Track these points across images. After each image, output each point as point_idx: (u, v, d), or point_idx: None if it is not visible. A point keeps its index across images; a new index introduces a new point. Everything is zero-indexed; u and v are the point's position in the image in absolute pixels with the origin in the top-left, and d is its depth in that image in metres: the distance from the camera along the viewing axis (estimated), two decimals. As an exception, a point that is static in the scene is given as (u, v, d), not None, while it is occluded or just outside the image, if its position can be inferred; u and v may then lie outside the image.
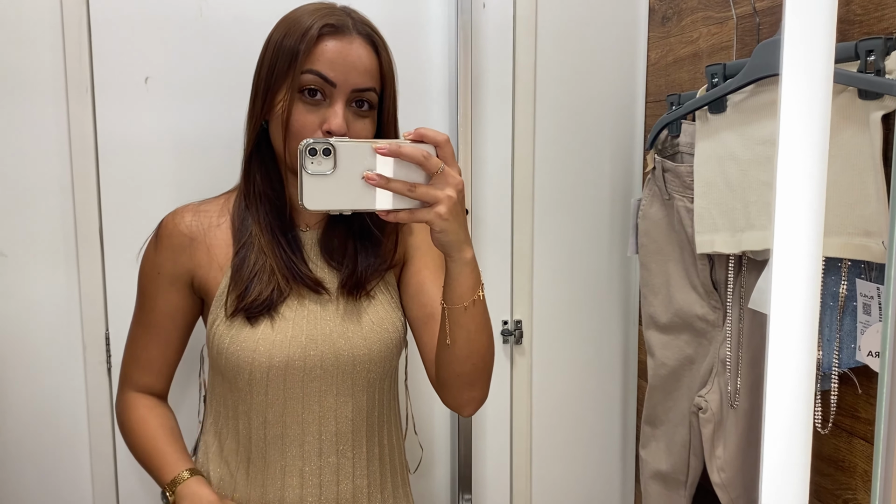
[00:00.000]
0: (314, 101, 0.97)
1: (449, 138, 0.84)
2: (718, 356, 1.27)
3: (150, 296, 1.08)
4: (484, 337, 0.96)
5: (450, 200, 0.83)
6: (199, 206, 1.09)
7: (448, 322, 0.93)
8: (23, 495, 1.54)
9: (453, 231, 0.85)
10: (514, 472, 1.76)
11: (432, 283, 1.06)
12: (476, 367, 0.97)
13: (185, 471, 1.03)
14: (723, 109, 1.20)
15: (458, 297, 0.91)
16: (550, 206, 1.69)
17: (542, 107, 1.65)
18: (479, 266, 0.92)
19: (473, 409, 1.03)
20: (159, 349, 1.10)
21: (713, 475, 1.28)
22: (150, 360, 1.11)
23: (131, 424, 1.11)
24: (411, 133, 0.84)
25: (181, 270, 1.06)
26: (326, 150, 0.81)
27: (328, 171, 0.81)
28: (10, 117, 1.45)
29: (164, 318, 1.08)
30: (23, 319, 1.50)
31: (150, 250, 1.09)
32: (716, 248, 1.21)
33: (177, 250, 1.05)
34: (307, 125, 0.96)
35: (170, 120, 1.50)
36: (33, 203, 1.48)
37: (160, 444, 1.07)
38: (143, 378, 1.12)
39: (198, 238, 1.05)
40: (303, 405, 1.03)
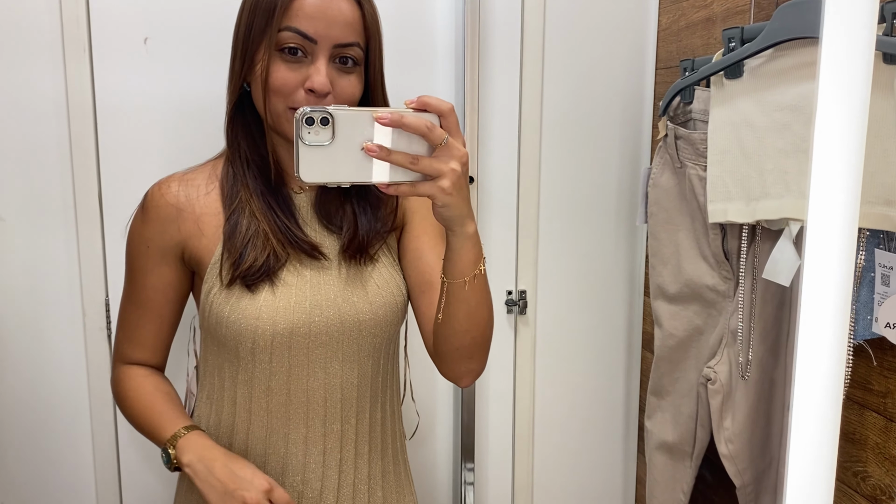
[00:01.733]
0: (295, 60, 0.93)
1: (453, 107, 0.80)
2: (729, 327, 1.26)
3: (140, 271, 1.04)
4: (484, 311, 0.93)
5: (454, 174, 0.79)
6: (184, 174, 1.04)
7: (448, 296, 0.91)
8: (22, 460, 1.53)
9: (456, 205, 0.81)
10: (516, 442, 1.75)
11: (431, 249, 1.04)
12: (475, 341, 0.95)
13: (184, 427, 1.00)
14: (739, 75, 1.17)
15: (459, 271, 0.88)
16: (557, 174, 1.67)
17: (550, 72, 1.62)
18: (482, 241, 0.90)
19: (471, 381, 1.01)
20: (153, 325, 1.07)
21: (721, 446, 1.27)
22: (144, 338, 1.07)
23: (126, 392, 1.08)
24: (414, 101, 0.79)
25: (171, 243, 1.02)
26: (324, 119, 0.76)
27: (326, 141, 0.77)
28: (6, 79, 1.41)
29: (155, 293, 1.05)
30: (22, 285, 1.48)
31: (136, 224, 1.04)
32: (729, 217, 1.19)
33: (164, 222, 1.01)
34: (288, 84, 0.93)
35: (170, 81, 1.46)
36: (31, 167, 1.45)
37: (157, 406, 1.04)
38: (138, 355, 1.09)
39: (185, 208, 1.01)
40: (308, 372, 1.00)
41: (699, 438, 1.34)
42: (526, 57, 1.60)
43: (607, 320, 1.76)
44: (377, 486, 1.09)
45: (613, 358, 1.78)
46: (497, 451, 1.75)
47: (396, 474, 1.12)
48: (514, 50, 1.59)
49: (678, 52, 1.55)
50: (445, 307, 0.92)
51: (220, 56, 1.37)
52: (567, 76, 1.63)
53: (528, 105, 1.62)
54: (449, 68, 1.58)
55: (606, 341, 1.77)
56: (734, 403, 1.25)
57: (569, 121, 1.65)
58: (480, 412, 1.72)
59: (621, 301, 1.76)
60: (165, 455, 0.99)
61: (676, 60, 1.56)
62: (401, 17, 1.53)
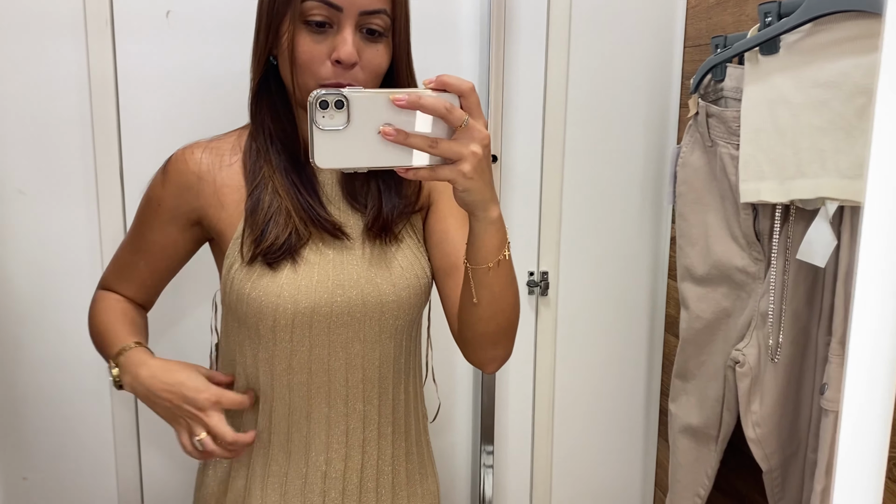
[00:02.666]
0: (321, 31, 0.90)
1: (474, 87, 0.77)
2: (758, 309, 1.23)
3: (147, 225, 1.05)
4: (509, 296, 0.91)
5: (475, 157, 0.76)
6: (209, 142, 1.03)
7: (472, 282, 0.88)
8: (43, 434, 1.54)
9: (478, 190, 0.79)
10: (535, 425, 1.74)
11: (457, 231, 1.01)
12: (500, 327, 0.93)
13: (133, 343, 1.01)
14: (775, 51, 1.14)
15: (483, 257, 0.85)
16: (581, 153, 1.64)
17: (576, 50, 1.59)
18: (505, 221, 0.87)
19: (496, 367, 0.99)
20: (145, 269, 1.08)
21: (748, 430, 1.25)
22: (133, 276, 1.09)
23: (94, 312, 1.09)
24: (432, 81, 0.76)
25: (184, 209, 1.01)
26: (339, 102, 0.74)
27: (341, 125, 0.74)
28: (29, 53, 1.40)
29: (155, 246, 1.06)
30: (43, 257, 1.47)
31: (155, 183, 1.04)
32: (762, 196, 1.16)
33: (182, 188, 1.01)
34: (314, 56, 0.90)
35: (192, 55, 1.44)
36: (53, 140, 1.44)
37: (116, 326, 1.05)
38: (122, 289, 1.10)
39: (206, 177, 1.00)
40: (329, 352, 0.99)
41: (725, 422, 1.33)
42: (552, 34, 1.57)
43: (630, 303, 1.74)
44: (400, 466, 1.08)
45: (635, 341, 1.76)
46: (517, 434, 1.74)
47: (419, 455, 1.11)
48: (540, 26, 1.57)
49: (707, 29, 1.52)
50: (469, 292, 0.90)
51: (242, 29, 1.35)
52: (593, 54, 1.60)
53: (554, 83, 1.59)
54: (473, 45, 1.55)
55: (628, 324, 1.75)
56: (763, 387, 1.23)
57: (594, 99, 1.62)
58: (500, 395, 1.70)
59: (644, 283, 1.74)
60: (110, 374, 1.00)
61: (705, 38, 1.53)
62: (426, -9, 1.50)
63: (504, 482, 1.75)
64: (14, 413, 1.52)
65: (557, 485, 1.78)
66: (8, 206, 1.44)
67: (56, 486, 1.56)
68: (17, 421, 1.52)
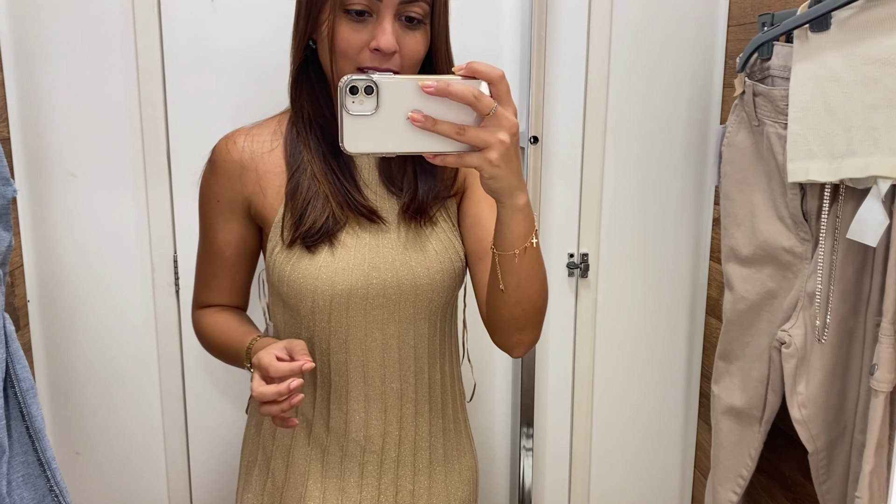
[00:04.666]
0: (361, 20, 0.92)
1: (504, 74, 0.77)
2: (805, 290, 1.22)
3: (212, 226, 1.06)
4: (536, 283, 0.91)
5: (502, 145, 0.76)
6: (250, 129, 1.05)
7: (498, 268, 0.89)
8: (96, 411, 1.58)
9: (504, 178, 0.79)
10: (574, 406, 1.74)
11: (489, 216, 1.02)
12: (526, 313, 0.93)
13: (251, 340, 1.01)
14: (826, 27, 1.12)
15: (509, 244, 0.86)
16: (623, 134, 1.63)
17: (618, 29, 1.58)
18: (541, 200, 0.86)
19: (522, 352, 1.00)
20: (227, 276, 1.09)
21: (794, 411, 1.24)
22: (219, 286, 1.10)
23: (204, 330, 1.11)
24: (462, 67, 0.76)
25: (238, 198, 1.03)
26: (368, 87, 0.75)
27: (370, 111, 0.75)
28: (77, 38, 1.43)
29: (227, 247, 1.07)
30: (92, 241, 1.51)
31: (206, 178, 1.06)
32: (811, 175, 1.15)
33: (232, 177, 1.03)
34: (354, 44, 0.92)
35: (237, 39, 1.46)
36: (102, 125, 1.47)
37: (231, 335, 1.06)
38: (214, 300, 1.12)
39: (249, 166, 1.02)
40: (365, 333, 1.01)
41: (769, 403, 1.32)
42: (593, 13, 1.56)
43: (671, 285, 1.73)
44: (438, 443, 1.09)
45: (676, 323, 1.75)
46: (556, 415, 1.75)
47: (457, 432, 1.13)
48: (582, 6, 1.56)
49: (752, 7, 1.50)
50: (496, 278, 0.91)
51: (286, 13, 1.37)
52: (635, 34, 1.59)
53: (595, 63, 1.58)
54: (515, 26, 1.55)
55: (669, 306, 1.74)
56: (809, 367, 1.23)
57: (636, 79, 1.61)
58: (540, 376, 1.71)
59: (686, 265, 1.73)
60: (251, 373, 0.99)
61: (750, 17, 1.51)
62: (467, -28, 1.50)
63: (542, 463, 1.76)
64: (68, 391, 1.56)
65: (596, 466, 1.78)
66: (60, 188, 1.48)
67: (106, 462, 1.60)
68: (71, 399, 1.57)
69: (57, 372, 1.55)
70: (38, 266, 1.50)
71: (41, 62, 1.43)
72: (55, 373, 1.55)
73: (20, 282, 1.47)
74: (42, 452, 0.94)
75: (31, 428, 0.93)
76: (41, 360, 1.54)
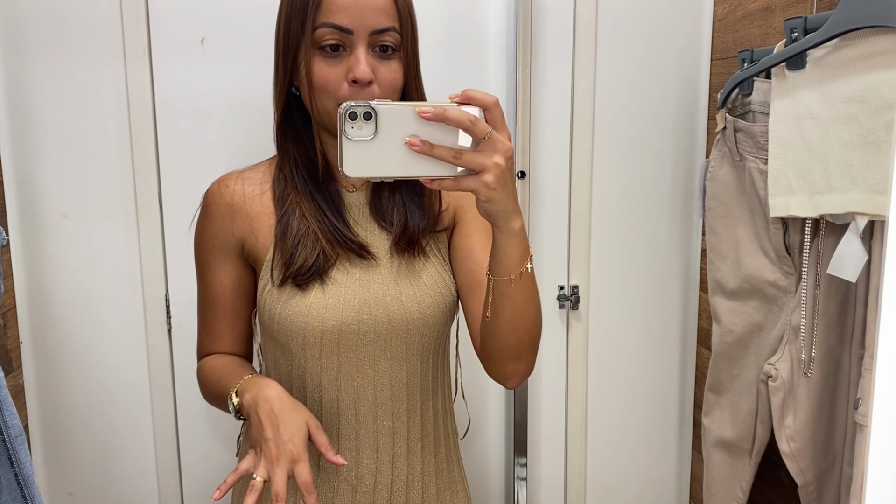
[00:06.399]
0: (335, 55, 0.95)
1: (498, 101, 0.79)
2: (790, 323, 1.23)
3: (210, 269, 1.07)
4: (531, 310, 0.92)
5: (497, 168, 0.78)
6: (242, 172, 1.07)
7: (494, 294, 0.90)
8: (88, 451, 1.58)
9: (500, 201, 0.80)
10: (568, 438, 1.74)
11: (481, 248, 1.03)
12: (521, 341, 0.94)
13: (248, 375, 0.99)
14: (802, 66, 1.14)
15: (505, 268, 0.87)
16: (610, 167, 1.65)
17: (603, 64, 1.60)
18: (531, 233, 0.88)
19: (517, 382, 1.00)
20: (227, 321, 1.09)
21: (782, 444, 1.24)
22: (222, 333, 1.10)
23: (203, 376, 1.09)
24: (458, 95, 0.78)
25: (232, 240, 1.05)
26: (367, 113, 0.76)
27: (369, 136, 0.77)
28: (69, 79, 1.45)
29: (224, 290, 1.07)
30: (85, 281, 1.52)
31: (200, 222, 1.08)
32: (791, 211, 1.16)
33: (224, 220, 1.05)
34: (331, 79, 0.94)
35: (227, 80, 1.48)
36: (94, 164, 1.49)
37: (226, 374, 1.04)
38: (217, 349, 1.11)
39: (240, 209, 1.04)
40: (357, 370, 1.02)
41: (759, 436, 1.32)
42: (578, 48, 1.58)
43: (661, 316, 1.74)
44: (430, 482, 1.09)
45: (668, 354, 1.76)
46: (549, 446, 1.75)
47: (450, 471, 1.13)
48: (567, 41, 1.58)
49: (735, 42, 1.52)
50: (491, 305, 0.91)
51: (275, 55, 1.39)
52: (620, 68, 1.61)
53: (581, 97, 1.60)
54: (501, 61, 1.57)
55: (660, 337, 1.75)
56: (796, 401, 1.23)
57: (622, 113, 1.63)
58: (533, 408, 1.71)
59: (676, 296, 1.74)
60: (231, 404, 0.97)
61: (733, 51, 1.53)
62: (453, 10, 1.53)
63: (537, 495, 1.76)
64: (60, 432, 1.57)
65: (591, 498, 1.78)
66: (52, 229, 1.49)
67: (100, 502, 1.60)
68: (63, 439, 1.57)
69: (50, 412, 1.56)
70: (31, 307, 1.51)
71: (33, 105, 1.45)
72: (48, 413, 1.55)
73: (13, 323, 1.48)
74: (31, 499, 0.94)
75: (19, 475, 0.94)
76: (34, 401, 1.54)
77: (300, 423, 0.90)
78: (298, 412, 0.91)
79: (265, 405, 0.91)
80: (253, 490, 0.87)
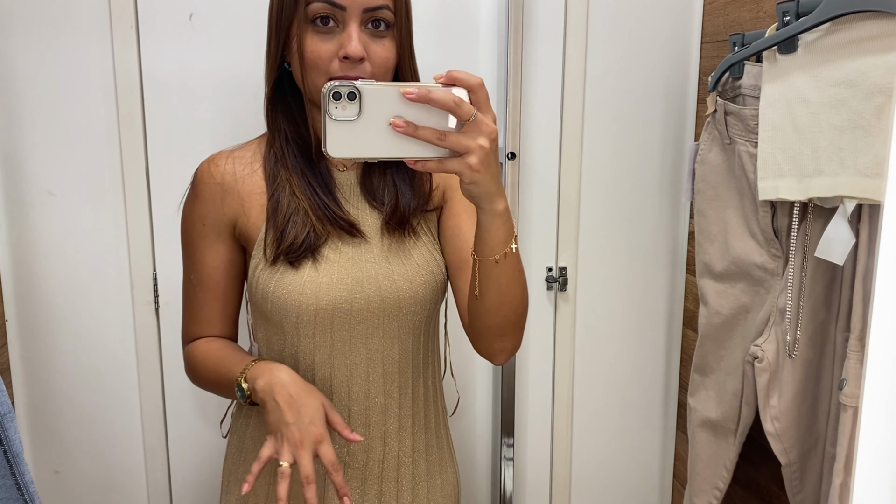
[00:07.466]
0: (327, 30, 0.94)
1: (483, 82, 0.78)
2: (777, 305, 1.25)
3: (199, 250, 1.05)
4: (516, 289, 0.92)
5: (481, 150, 0.78)
6: (232, 152, 1.06)
7: (479, 274, 0.90)
8: (75, 429, 1.57)
9: (484, 182, 0.80)
10: (555, 418, 1.76)
11: (469, 227, 1.04)
12: (507, 320, 0.95)
13: (251, 361, 0.99)
14: (793, 49, 1.14)
15: (490, 249, 0.87)
16: (599, 149, 1.65)
17: (593, 47, 1.60)
18: (519, 215, 0.88)
19: (504, 359, 1.01)
20: (217, 304, 1.07)
21: (766, 424, 1.26)
22: (210, 316, 1.07)
23: (194, 363, 1.07)
24: (442, 76, 0.78)
25: (223, 220, 1.03)
26: (351, 94, 0.76)
27: (353, 116, 0.76)
28: (56, 56, 1.43)
29: (215, 271, 1.05)
30: (71, 259, 1.51)
31: (189, 203, 1.06)
32: (780, 194, 1.17)
33: (215, 200, 1.03)
34: (322, 56, 0.93)
35: (215, 58, 1.47)
36: (80, 142, 1.47)
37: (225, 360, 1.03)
38: (205, 333, 1.09)
39: (231, 188, 1.03)
40: (350, 348, 1.02)
41: (744, 416, 1.34)
42: (569, 31, 1.58)
43: (648, 297, 1.75)
44: (420, 458, 1.11)
45: (654, 335, 1.78)
46: (536, 427, 1.76)
47: (439, 447, 1.14)
48: (558, 23, 1.58)
49: (725, 25, 1.53)
50: (477, 284, 0.92)
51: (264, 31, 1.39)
52: (610, 50, 1.61)
53: (571, 80, 1.60)
54: (492, 43, 1.57)
55: (647, 318, 1.76)
56: (781, 382, 1.25)
57: (612, 95, 1.63)
58: (520, 388, 1.72)
59: (662, 278, 1.75)
60: (240, 391, 0.97)
61: (723, 34, 1.54)
62: (444, -9, 1.52)
63: (523, 474, 1.78)
64: (46, 409, 1.56)
65: (577, 477, 1.80)
66: (38, 207, 1.48)
67: (86, 480, 1.60)
68: (49, 416, 1.56)
69: (36, 390, 1.55)
70: (17, 284, 1.50)
71: (18, 81, 1.43)
72: (34, 391, 1.55)
73: (-2, 301, 1.47)
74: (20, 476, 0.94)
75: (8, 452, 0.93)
76: (19, 378, 1.54)
77: (318, 405, 0.92)
78: (314, 394, 0.93)
79: (282, 390, 0.92)
80: (283, 477, 0.88)
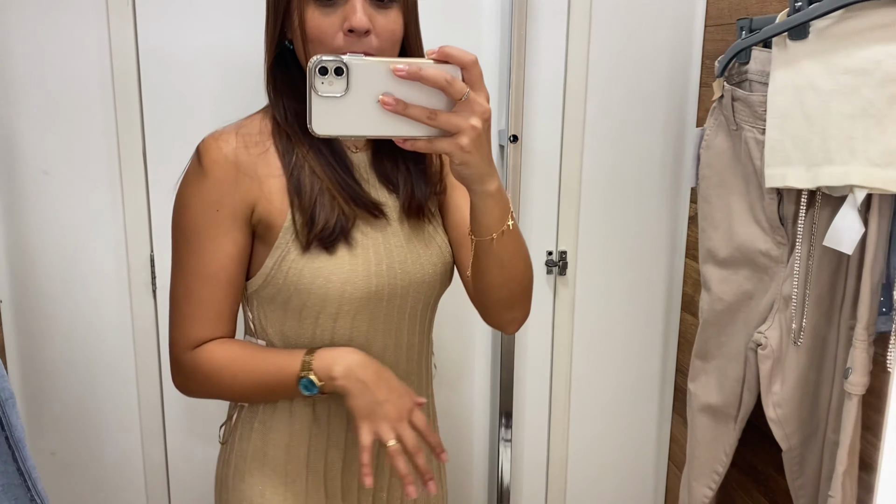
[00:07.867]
0: (330, 3, 0.88)
1: (477, 59, 0.75)
2: (781, 292, 1.25)
3: (211, 239, 0.93)
4: (518, 264, 0.91)
5: (473, 131, 0.75)
6: (238, 129, 0.95)
7: (478, 253, 0.89)
8: (72, 406, 1.56)
9: (475, 164, 0.78)
10: (553, 401, 1.76)
11: (464, 200, 1.00)
12: (513, 293, 0.93)
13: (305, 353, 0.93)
14: (805, 36, 1.13)
15: (486, 229, 0.85)
16: (601, 133, 1.64)
17: (597, 30, 1.59)
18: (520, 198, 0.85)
19: (516, 328, 1.00)
20: (229, 300, 0.95)
21: (769, 411, 1.27)
22: (223, 313, 0.96)
23: (219, 365, 0.95)
24: (435, 52, 0.75)
25: (241, 204, 0.92)
26: (338, 69, 0.73)
27: (340, 92, 0.73)
28: (51, 34, 1.40)
29: (232, 262, 0.94)
30: (67, 240, 1.48)
31: (195, 185, 0.93)
32: (787, 182, 1.16)
33: (230, 182, 0.92)
34: (325, 30, 0.88)
35: (213, 34, 1.44)
36: (76, 121, 1.44)
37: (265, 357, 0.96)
38: (213, 332, 0.96)
39: (245, 169, 0.92)
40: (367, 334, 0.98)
41: (745, 402, 1.34)
42: (573, 13, 1.56)
43: (647, 281, 1.75)
44: None
45: (652, 319, 1.78)
46: (534, 409, 1.77)
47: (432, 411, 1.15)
48: (561, 6, 1.56)
49: (729, 9, 1.51)
50: (477, 263, 0.90)
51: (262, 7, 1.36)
52: (614, 33, 1.60)
53: (574, 62, 1.59)
54: (495, 25, 1.55)
55: (646, 303, 1.76)
56: (784, 369, 1.25)
57: (615, 79, 1.62)
58: (519, 371, 1.72)
59: (662, 263, 1.75)
60: (307, 385, 0.92)
61: (727, 18, 1.52)
62: (448, -30, 1.49)
63: (521, 456, 1.78)
64: (42, 391, 1.54)
65: (573, 458, 1.81)
66: (33, 186, 1.45)
67: (83, 462, 1.58)
68: (46, 398, 1.55)
69: (32, 372, 1.53)
70: (12, 265, 1.48)
71: (13, 59, 1.40)
72: (30, 373, 1.53)
73: (-7, 282, 1.45)
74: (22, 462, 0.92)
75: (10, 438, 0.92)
76: (15, 361, 1.52)
77: (395, 377, 0.93)
78: (386, 367, 0.94)
79: (364, 371, 0.91)
80: (398, 455, 0.89)
